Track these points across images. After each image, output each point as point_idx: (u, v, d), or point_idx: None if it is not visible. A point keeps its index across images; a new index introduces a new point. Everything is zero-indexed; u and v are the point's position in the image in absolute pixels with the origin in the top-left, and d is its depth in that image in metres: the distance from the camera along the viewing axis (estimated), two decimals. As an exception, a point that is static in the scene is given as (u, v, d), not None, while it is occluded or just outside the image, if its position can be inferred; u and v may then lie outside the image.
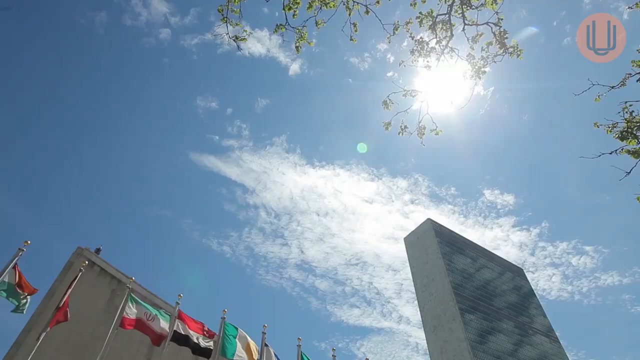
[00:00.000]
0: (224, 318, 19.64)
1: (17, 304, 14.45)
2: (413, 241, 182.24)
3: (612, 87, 7.76)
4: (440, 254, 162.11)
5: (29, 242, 15.24)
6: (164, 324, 18.08)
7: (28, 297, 14.64)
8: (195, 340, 18.24)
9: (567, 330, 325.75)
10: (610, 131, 7.72)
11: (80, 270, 18.00)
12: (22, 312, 14.69)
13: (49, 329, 15.22)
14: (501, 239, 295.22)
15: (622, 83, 7.65)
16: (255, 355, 19.14)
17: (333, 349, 22.53)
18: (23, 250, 14.88)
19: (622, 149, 7.66)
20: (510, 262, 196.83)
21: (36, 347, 14.75)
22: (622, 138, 7.61)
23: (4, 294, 14.07)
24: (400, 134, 9.84)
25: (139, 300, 18.47)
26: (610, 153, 7.53)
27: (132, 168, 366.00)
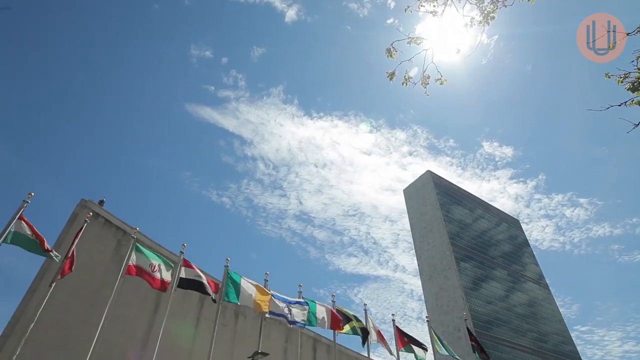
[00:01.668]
0: (227, 266, 20.32)
1: (40, 253, 14.82)
2: (412, 192, 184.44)
3: (628, 34, 7.39)
4: (438, 205, 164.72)
5: (32, 194, 15.38)
6: (168, 273, 18.74)
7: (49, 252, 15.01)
8: (202, 281, 18.99)
9: (556, 278, 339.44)
10: (622, 82, 7.45)
11: (85, 221, 18.34)
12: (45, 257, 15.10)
13: (60, 277, 15.78)
14: (498, 191, 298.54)
15: (638, 30, 7.28)
16: (267, 298, 19.86)
17: (333, 295, 23.59)
18: (27, 202, 15.06)
19: (632, 101, 7.45)
20: (506, 214, 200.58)
21: (49, 293, 15.38)
22: (633, 89, 7.36)
23: (16, 244, 14.44)
24: (404, 84, 9.54)
25: (144, 250, 18.99)
26: (620, 105, 7.32)
27: (128, 120, 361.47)
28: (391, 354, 23.52)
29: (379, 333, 23.05)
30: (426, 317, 31.09)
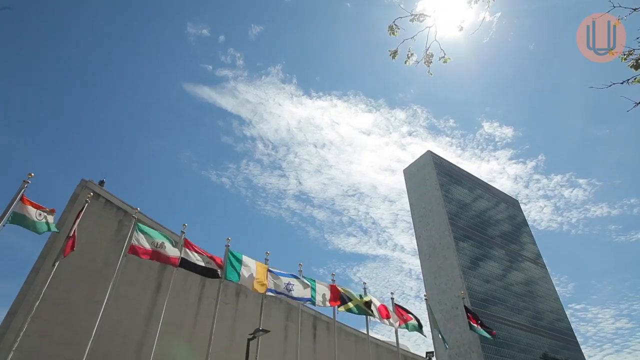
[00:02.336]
0: (228, 246, 20.53)
1: (42, 228, 14.93)
2: (412, 173, 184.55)
3: (635, 10, 7.24)
4: (438, 185, 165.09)
5: (32, 174, 15.40)
6: (171, 250, 18.97)
7: (47, 216, 15.09)
8: (202, 264, 19.23)
9: (552, 258, 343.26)
10: (625, 59, 7.36)
11: (86, 201, 18.42)
12: (57, 231, 15.29)
13: (63, 256, 15.97)
14: (497, 172, 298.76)
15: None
16: (266, 277, 20.18)
17: (333, 274, 23.94)
18: (28, 182, 15.10)
19: (634, 79, 7.37)
20: (505, 194, 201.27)
21: (53, 272, 15.59)
22: (637, 67, 7.27)
23: (17, 224, 14.55)
24: (407, 62, 9.40)
25: (147, 229, 19.14)
26: (622, 83, 7.24)
27: (126, 100, 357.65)
28: (395, 327, 23.94)
29: (382, 307, 23.39)
30: (424, 295, 31.61)
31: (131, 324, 26.72)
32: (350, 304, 22.18)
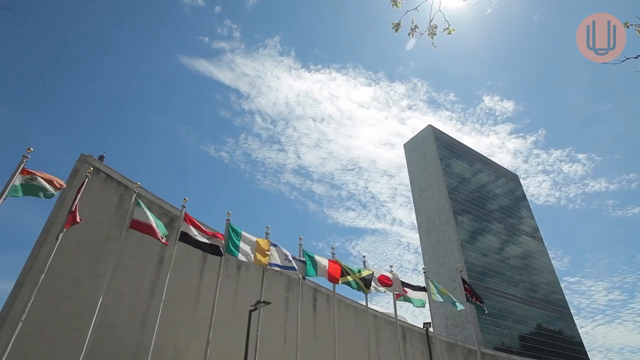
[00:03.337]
0: (229, 220, 20.69)
1: (41, 193, 14.97)
2: (413, 147, 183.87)
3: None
4: (438, 160, 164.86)
5: (31, 149, 15.34)
6: (162, 230, 19.21)
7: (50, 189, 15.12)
8: (202, 240, 19.44)
9: (549, 232, 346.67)
10: (640, 32, 7.10)
11: (87, 176, 18.42)
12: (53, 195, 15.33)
13: (65, 229, 16.11)
14: (496, 146, 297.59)
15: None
16: (267, 250, 20.48)
17: (332, 247, 24.24)
18: (27, 157, 15.05)
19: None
20: (505, 168, 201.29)
21: (56, 246, 15.79)
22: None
23: (22, 194, 14.62)
24: (410, 34, 9.15)
25: (145, 208, 19.25)
26: (637, 57, 7.02)
27: (122, 74, 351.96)
28: (396, 297, 24.43)
29: (382, 277, 23.79)
30: (423, 268, 32.15)
31: (135, 297, 27.31)
32: (349, 278, 22.56)
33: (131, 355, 24.39)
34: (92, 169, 21.53)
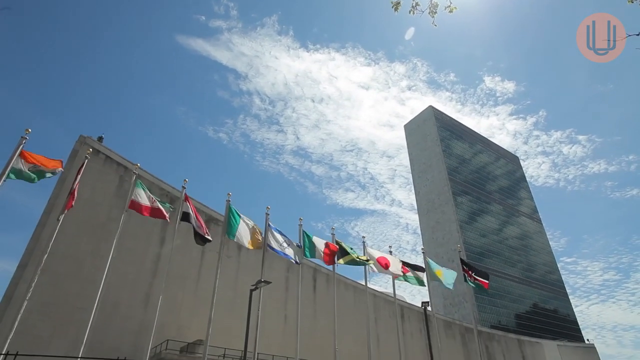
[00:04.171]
0: (229, 201, 20.77)
1: (38, 176, 14.97)
2: (413, 128, 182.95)
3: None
4: (439, 141, 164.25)
5: (29, 130, 15.27)
6: (165, 206, 19.29)
7: (46, 173, 15.11)
8: (199, 222, 19.56)
9: (547, 213, 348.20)
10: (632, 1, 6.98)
11: (86, 157, 18.40)
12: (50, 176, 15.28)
13: (66, 211, 16.20)
14: (496, 127, 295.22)
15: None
16: (259, 237, 20.72)
17: (332, 228, 24.39)
18: (26, 138, 14.99)
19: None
20: (505, 149, 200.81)
21: (58, 227, 15.92)
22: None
23: (18, 178, 14.63)
24: (411, 12, 8.99)
25: (144, 187, 19.28)
26: (639, 34, 6.94)
27: (118, 53, 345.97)
28: (395, 273, 24.76)
29: (381, 258, 24.07)
30: (422, 249, 32.52)
31: (137, 276, 27.74)
32: (348, 257, 22.80)
33: (135, 333, 24.95)
34: (91, 150, 21.48)
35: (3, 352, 11.81)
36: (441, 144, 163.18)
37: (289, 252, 21.38)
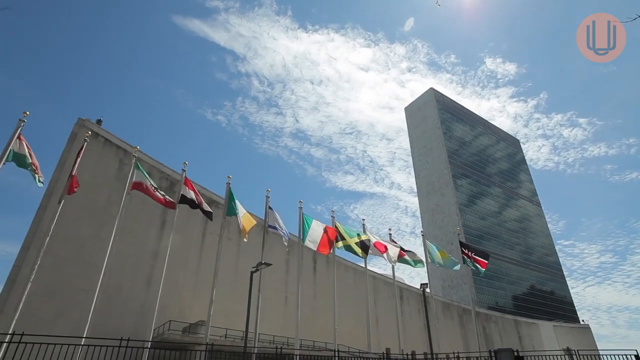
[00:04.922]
0: (229, 184, 20.81)
1: (32, 175, 15.02)
2: (414, 110, 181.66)
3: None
4: (439, 123, 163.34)
5: (27, 112, 15.14)
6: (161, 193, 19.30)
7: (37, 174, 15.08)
8: (199, 201, 19.65)
9: (546, 196, 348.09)
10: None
11: (85, 140, 18.30)
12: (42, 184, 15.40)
13: (67, 195, 16.22)
14: (497, 110, 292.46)
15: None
16: (252, 221, 20.85)
17: (332, 210, 24.50)
18: (24, 121, 14.88)
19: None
20: (506, 132, 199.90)
21: (59, 210, 15.95)
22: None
23: (15, 163, 14.59)
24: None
25: (144, 172, 19.26)
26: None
27: (115, 36, 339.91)
28: (390, 262, 25.14)
29: (377, 244, 24.29)
30: (421, 231, 32.71)
31: (139, 258, 27.99)
32: (344, 243, 22.94)
33: (137, 315, 25.35)
34: (90, 133, 21.35)
35: (10, 332, 12.02)
36: (442, 127, 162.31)
37: (285, 232, 21.66)
